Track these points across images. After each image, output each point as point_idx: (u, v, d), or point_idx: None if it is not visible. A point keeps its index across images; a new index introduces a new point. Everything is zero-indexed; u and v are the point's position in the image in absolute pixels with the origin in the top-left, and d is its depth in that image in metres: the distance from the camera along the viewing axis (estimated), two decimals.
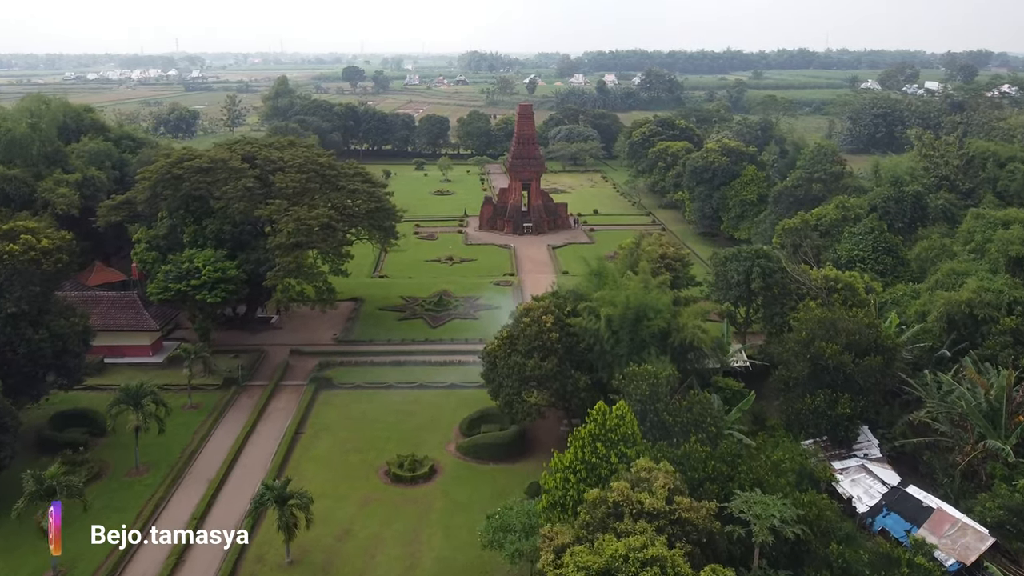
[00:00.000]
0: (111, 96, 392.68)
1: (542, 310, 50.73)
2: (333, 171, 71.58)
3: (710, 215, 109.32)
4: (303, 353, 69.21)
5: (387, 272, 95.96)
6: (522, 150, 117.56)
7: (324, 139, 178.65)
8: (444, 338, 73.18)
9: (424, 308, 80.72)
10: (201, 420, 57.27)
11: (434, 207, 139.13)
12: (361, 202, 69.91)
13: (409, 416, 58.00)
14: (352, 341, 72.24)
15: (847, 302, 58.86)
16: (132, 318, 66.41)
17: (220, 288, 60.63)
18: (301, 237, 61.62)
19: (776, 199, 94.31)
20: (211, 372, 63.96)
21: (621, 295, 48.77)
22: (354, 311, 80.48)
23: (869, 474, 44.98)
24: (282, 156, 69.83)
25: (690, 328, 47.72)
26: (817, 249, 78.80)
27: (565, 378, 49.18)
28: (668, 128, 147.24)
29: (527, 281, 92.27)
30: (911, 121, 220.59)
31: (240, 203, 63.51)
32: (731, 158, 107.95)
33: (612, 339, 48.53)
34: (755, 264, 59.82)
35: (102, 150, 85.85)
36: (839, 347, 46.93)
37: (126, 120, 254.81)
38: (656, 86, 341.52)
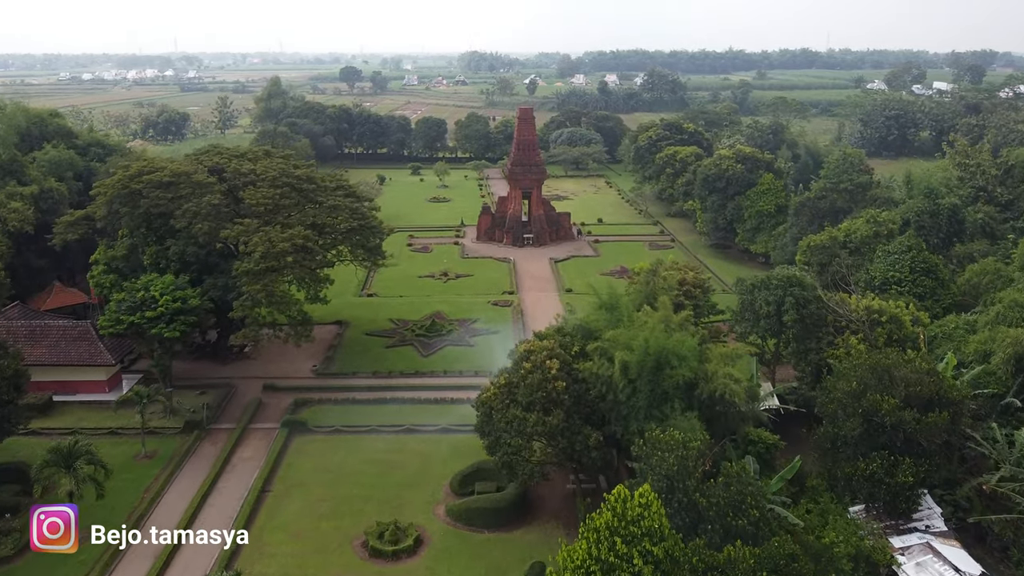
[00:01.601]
0: (105, 97, 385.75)
1: (546, 353, 43.48)
2: (311, 184, 64.13)
3: (724, 227, 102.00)
4: (277, 389, 61.90)
5: (376, 290, 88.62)
6: (522, 156, 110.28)
7: (316, 143, 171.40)
8: (436, 370, 65.86)
9: (414, 333, 73.45)
10: (155, 473, 49.95)
11: (429, 215, 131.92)
12: (343, 219, 62.50)
13: (393, 469, 50.69)
14: (333, 374, 64.98)
15: (892, 337, 51.78)
16: (85, 351, 59.10)
17: (180, 321, 53.32)
18: (272, 262, 54.23)
19: (797, 211, 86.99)
20: (172, 413, 56.79)
21: (639, 337, 41.51)
22: (337, 337, 73.20)
23: (936, 556, 37.68)
24: (254, 168, 62.35)
25: (721, 378, 40.45)
26: (847, 269, 71.50)
27: (573, 434, 41.96)
28: (676, 132, 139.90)
29: (527, 300, 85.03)
30: (924, 123, 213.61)
31: (204, 223, 56.17)
32: (746, 165, 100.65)
33: (628, 389, 41.29)
34: (788, 293, 52.50)
35: (64, 159, 78.57)
36: (897, 401, 39.71)
37: (114, 123, 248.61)
38: (659, 86, 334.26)
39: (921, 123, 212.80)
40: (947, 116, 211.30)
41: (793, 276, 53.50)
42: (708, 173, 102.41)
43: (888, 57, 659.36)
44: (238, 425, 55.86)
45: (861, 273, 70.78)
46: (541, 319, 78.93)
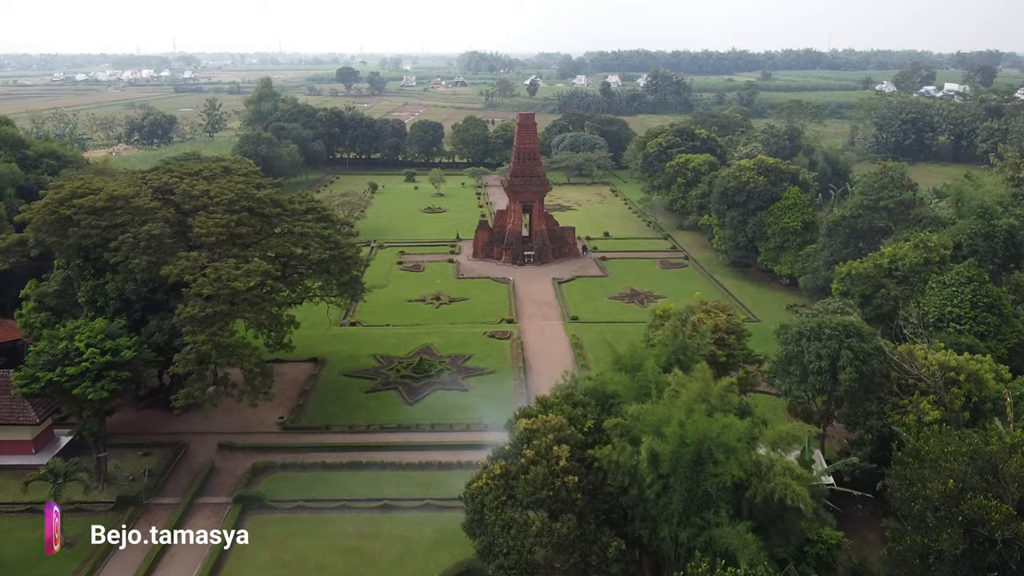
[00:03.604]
0: (97, 98, 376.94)
1: (552, 436, 34.27)
2: (276, 208, 54.70)
3: (744, 245, 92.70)
4: (235, 448, 52.71)
5: (360, 318, 79.34)
6: (522, 167, 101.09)
7: (305, 148, 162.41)
8: (422, 423, 56.63)
9: (399, 374, 64.25)
10: (73, 570, 40.76)
11: (423, 228, 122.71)
12: (313, 249, 53.17)
13: (365, 563, 41.48)
14: (302, 428, 55.75)
15: (970, 399, 42.72)
16: (4, 406, 49.96)
17: (109, 377, 44.07)
18: (222, 305, 44.96)
19: (830, 231, 77.72)
20: (105, 483, 47.66)
21: (672, 419, 32.34)
22: (311, 379, 63.96)
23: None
24: (208, 189, 53.01)
25: (779, 475, 31.25)
26: (895, 301, 62.40)
27: (588, 544, 32.81)
28: (687, 138, 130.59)
29: (528, 332, 75.85)
30: (942, 127, 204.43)
31: (142, 257, 46.91)
32: (769, 177, 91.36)
33: (658, 485, 32.15)
34: (844, 345, 43.33)
35: (3, 173, 69.31)
36: (1010, 507, 30.57)
37: (99, 126, 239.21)
38: (663, 87, 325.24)
39: (939, 127, 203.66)
40: (966, 120, 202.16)
41: (850, 324, 44.26)
42: (727, 186, 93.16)
43: (892, 58, 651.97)
44: (183, 500, 46.61)
45: (911, 307, 61.66)
46: (544, 356, 70.04)
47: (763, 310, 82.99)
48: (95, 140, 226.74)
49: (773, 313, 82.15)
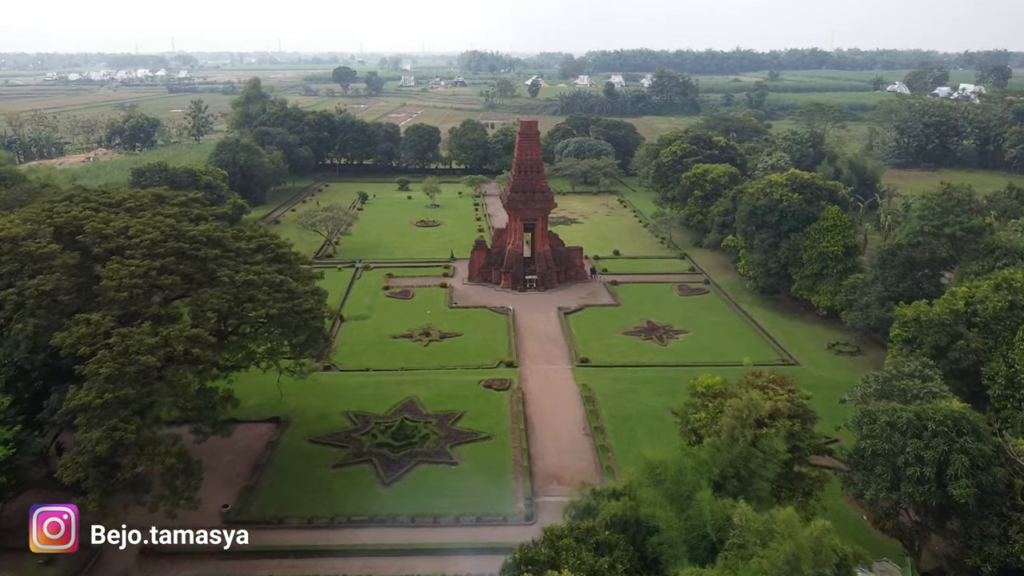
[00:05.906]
0: (88, 98, 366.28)
1: None
2: (215, 249, 43.25)
3: (776, 271, 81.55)
4: (162, 555, 41.73)
5: (336, 360, 68.16)
6: (524, 181, 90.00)
7: (291, 154, 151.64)
8: (400, 513, 45.47)
9: (376, 440, 53.19)
10: None
11: (415, 244, 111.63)
12: (262, 301, 41.99)
13: None
14: (250, 522, 44.51)
15: None
16: None
17: None
18: (128, 388, 33.96)
19: (884, 262, 66.60)
20: None
21: None
22: (269, 446, 52.91)
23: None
24: (128, 226, 41.73)
25: None
26: (976, 355, 51.36)
27: None
28: (704, 146, 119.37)
29: (531, 380, 64.87)
30: (967, 131, 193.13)
31: (27, 321, 35.94)
32: (804, 195, 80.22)
33: None
34: (956, 447, 32.25)
35: None
36: None
37: (81, 128, 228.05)
38: (669, 88, 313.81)
39: (964, 131, 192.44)
40: (992, 123, 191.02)
41: (962, 417, 33.18)
42: (756, 204, 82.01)
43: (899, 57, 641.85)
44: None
45: (997, 361, 50.68)
46: (549, 412, 59.16)
47: (800, 350, 72.01)
48: (75, 144, 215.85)
49: (812, 354, 71.27)
